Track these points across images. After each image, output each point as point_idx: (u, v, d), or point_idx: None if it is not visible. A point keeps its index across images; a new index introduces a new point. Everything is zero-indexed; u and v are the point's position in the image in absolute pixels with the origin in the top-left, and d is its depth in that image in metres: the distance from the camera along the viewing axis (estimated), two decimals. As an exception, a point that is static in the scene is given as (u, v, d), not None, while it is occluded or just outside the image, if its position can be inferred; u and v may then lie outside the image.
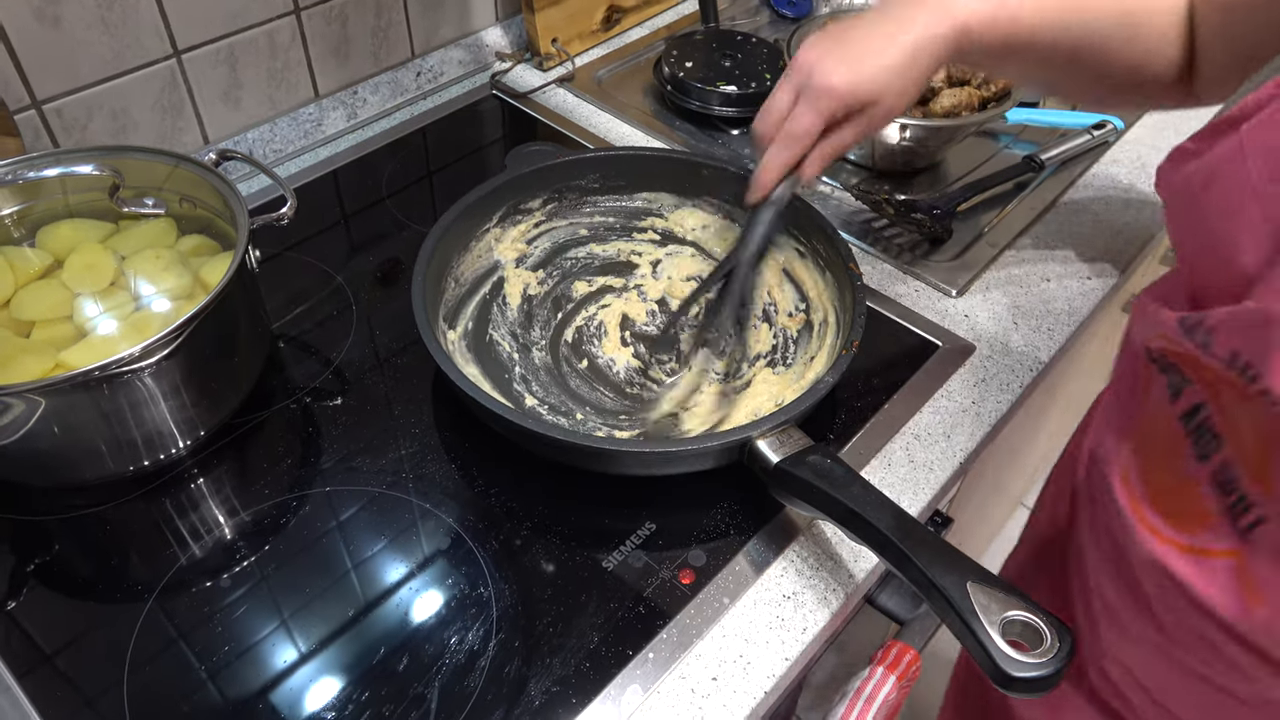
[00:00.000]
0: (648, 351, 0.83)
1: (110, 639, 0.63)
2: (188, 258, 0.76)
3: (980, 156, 1.07)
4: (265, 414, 0.77)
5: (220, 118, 0.99)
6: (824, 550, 0.69)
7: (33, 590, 0.66)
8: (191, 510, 0.71)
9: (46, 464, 0.68)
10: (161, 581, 0.66)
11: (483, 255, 0.87)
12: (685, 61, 1.13)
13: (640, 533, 0.69)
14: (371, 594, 0.66)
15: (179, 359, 0.66)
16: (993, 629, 0.53)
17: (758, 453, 0.67)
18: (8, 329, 0.70)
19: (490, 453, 0.74)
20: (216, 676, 0.61)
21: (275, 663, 0.62)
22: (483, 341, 0.82)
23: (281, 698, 0.60)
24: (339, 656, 0.62)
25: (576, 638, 0.63)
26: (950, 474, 0.74)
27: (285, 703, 0.60)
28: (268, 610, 0.65)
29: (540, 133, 1.11)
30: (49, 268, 0.74)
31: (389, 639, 0.63)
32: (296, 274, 0.90)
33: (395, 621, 0.64)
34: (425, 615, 0.64)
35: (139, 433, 0.68)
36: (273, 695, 0.60)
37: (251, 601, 0.65)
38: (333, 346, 0.83)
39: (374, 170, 1.03)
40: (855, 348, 0.72)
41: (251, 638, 0.63)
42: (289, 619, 0.64)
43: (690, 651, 0.63)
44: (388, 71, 1.11)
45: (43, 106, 0.85)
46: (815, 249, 0.85)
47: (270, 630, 0.64)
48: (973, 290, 0.90)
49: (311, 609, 0.65)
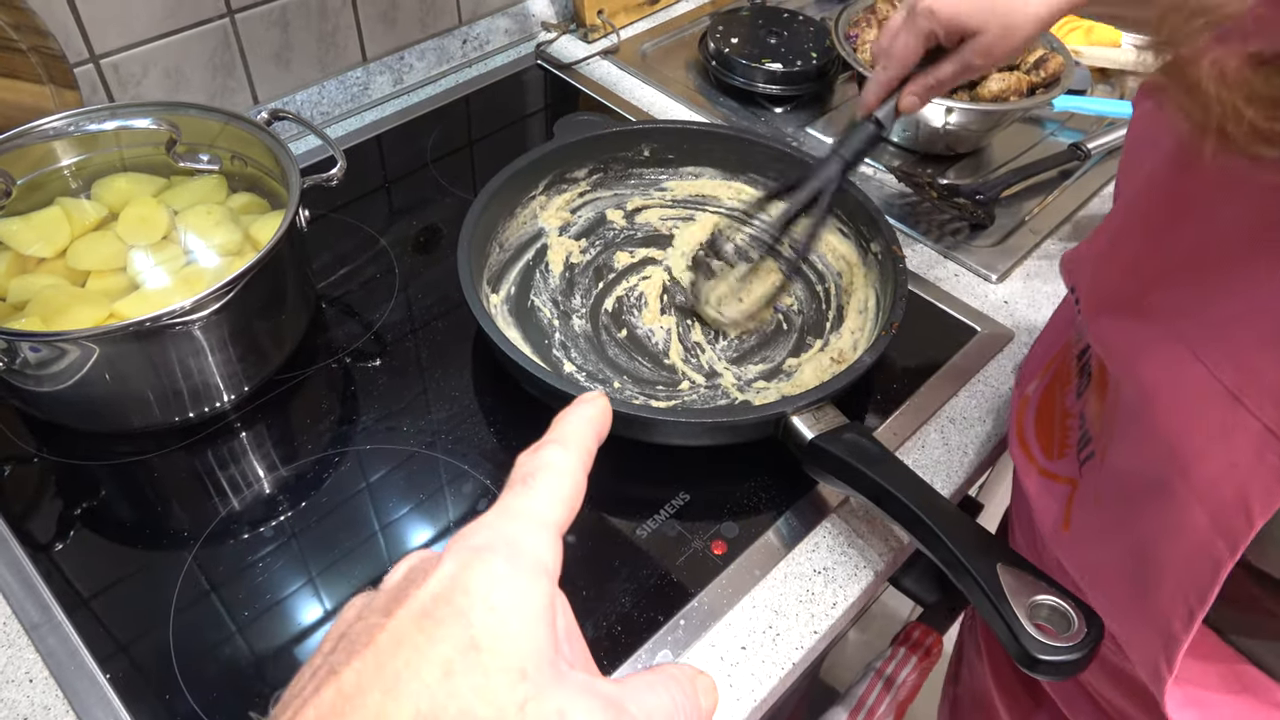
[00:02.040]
0: (707, 251, 0.85)
1: (155, 583, 0.65)
2: (238, 215, 0.77)
3: (1025, 143, 1.06)
4: (308, 372, 0.79)
5: (270, 78, 1.00)
6: (855, 528, 0.70)
7: (80, 533, 0.68)
8: (233, 463, 0.73)
9: (98, 410, 0.70)
10: (205, 531, 0.68)
11: (527, 222, 0.88)
12: (730, 37, 1.12)
13: (674, 503, 0.70)
14: (406, 550, 0.67)
15: (228, 314, 0.67)
16: (1020, 611, 0.53)
17: (793, 428, 0.67)
18: (64, 278, 0.72)
19: (527, 417, 0.75)
20: (258, 622, 0.63)
21: (311, 614, 0.64)
22: (524, 307, 0.83)
23: (314, 647, 0.62)
24: (376, 609, 0.64)
25: (609, 603, 0.64)
26: (984, 459, 0.75)
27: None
28: (304, 564, 0.66)
29: (583, 104, 1.11)
30: (104, 219, 0.75)
31: (425, 595, 0.64)
32: (341, 236, 0.91)
33: (431, 578, 0.65)
34: (460, 573, 0.66)
35: (186, 384, 0.70)
36: (309, 643, 0.62)
37: (288, 556, 0.67)
38: (374, 309, 0.84)
39: (418, 136, 1.04)
40: (895, 329, 0.72)
41: (289, 588, 0.65)
42: (325, 571, 0.66)
43: (721, 620, 0.64)
44: (434, 38, 1.12)
45: (100, 61, 0.86)
46: (859, 230, 0.85)
47: (304, 581, 0.65)
48: (1013, 277, 0.90)
49: (348, 563, 0.66)
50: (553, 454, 0.29)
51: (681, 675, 0.28)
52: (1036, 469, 0.64)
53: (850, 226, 0.86)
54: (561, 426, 0.30)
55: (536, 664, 0.24)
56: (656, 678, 0.28)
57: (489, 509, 0.28)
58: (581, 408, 0.31)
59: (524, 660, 0.24)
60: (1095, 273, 0.56)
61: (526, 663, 0.24)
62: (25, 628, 0.62)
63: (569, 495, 0.28)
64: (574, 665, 0.26)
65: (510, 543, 0.26)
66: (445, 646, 0.23)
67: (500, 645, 0.24)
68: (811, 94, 1.12)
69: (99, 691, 0.59)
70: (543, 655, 0.24)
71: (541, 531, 0.27)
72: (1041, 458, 0.64)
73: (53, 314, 0.68)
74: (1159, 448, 0.47)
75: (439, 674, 0.23)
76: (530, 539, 0.26)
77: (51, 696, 0.59)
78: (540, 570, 0.26)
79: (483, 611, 0.24)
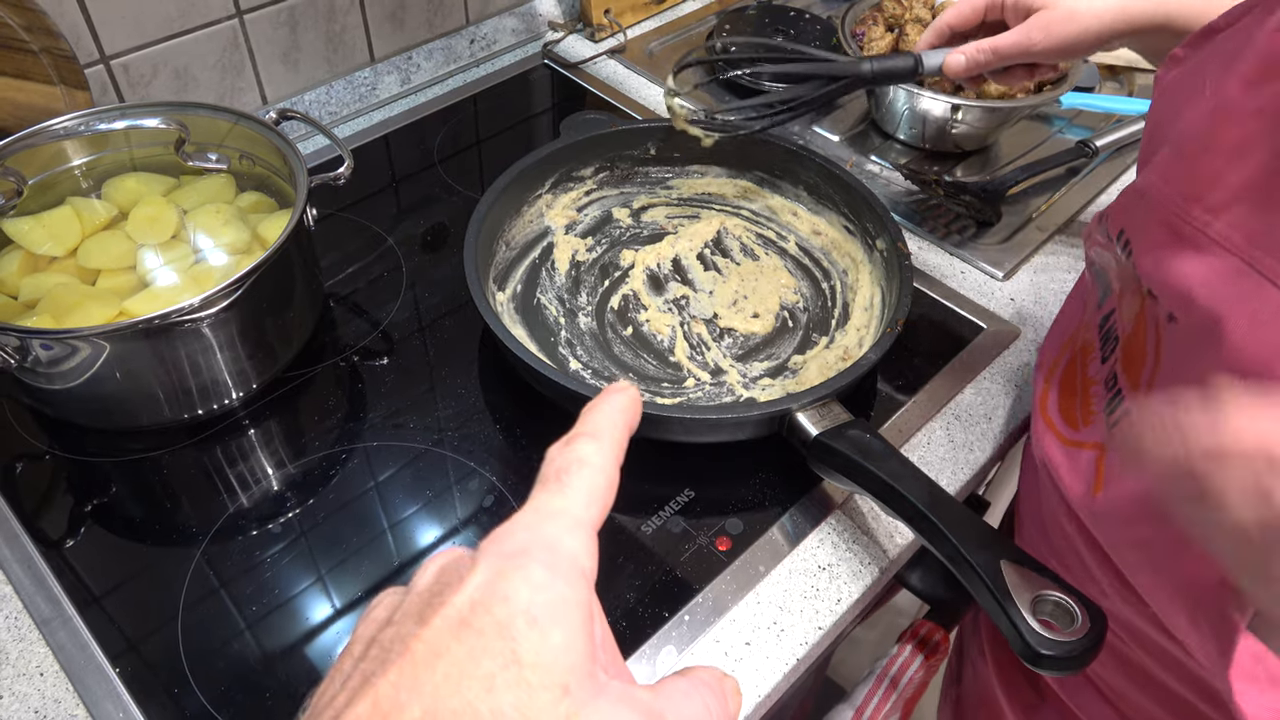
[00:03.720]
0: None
1: (164, 579, 0.65)
2: (246, 214, 0.78)
3: (1032, 140, 1.06)
4: (315, 370, 0.79)
5: (278, 79, 1.00)
6: (860, 524, 0.70)
7: (90, 530, 0.69)
8: (242, 460, 0.73)
9: (108, 408, 0.71)
10: (213, 528, 0.68)
11: (534, 220, 0.88)
12: (737, 36, 1.12)
13: (679, 499, 0.70)
14: (416, 548, 0.68)
15: (237, 311, 0.68)
16: (1024, 607, 0.53)
17: (797, 425, 0.67)
18: (75, 276, 0.72)
19: (534, 414, 0.76)
20: (266, 618, 0.63)
21: (320, 611, 0.64)
22: (530, 304, 0.83)
23: (324, 644, 0.62)
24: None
25: (614, 598, 0.64)
26: (990, 455, 0.75)
27: (324, 651, 0.62)
28: (312, 561, 0.67)
29: (590, 103, 1.11)
30: (114, 219, 0.76)
31: (431, 590, 0.65)
32: (348, 234, 0.92)
33: (437, 574, 0.66)
34: (467, 569, 0.66)
35: (195, 381, 0.70)
36: (319, 640, 0.62)
37: (296, 552, 0.67)
38: (381, 307, 0.85)
39: (425, 135, 1.05)
40: (900, 326, 0.72)
41: (298, 586, 0.65)
42: (334, 569, 0.66)
43: (725, 616, 0.64)
44: (442, 38, 1.12)
45: (110, 62, 0.87)
46: (864, 227, 0.85)
47: (313, 581, 0.66)
48: (1019, 274, 0.90)
49: (356, 560, 0.67)
50: (585, 448, 0.28)
51: (712, 679, 0.28)
52: (1061, 442, 0.64)
53: (855, 223, 0.86)
54: (593, 418, 0.29)
55: (578, 678, 0.24)
56: (689, 684, 0.27)
57: (522, 508, 0.27)
58: (612, 398, 0.30)
59: (566, 674, 0.23)
60: (1149, 208, 0.54)
61: (569, 677, 0.23)
62: (36, 622, 0.63)
63: (603, 492, 0.28)
64: (609, 671, 0.25)
65: (548, 546, 0.25)
66: (486, 661, 0.23)
67: (542, 659, 0.23)
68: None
69: (109, 685, 0.60)
70: (583, 668, 0.24)
71: (578, 531, 0.26)
72: (1066, 429, 0.64)
73: (63, 312, 0.69)
74: (1227, 375, 0.46)
75: (480, 689, 0.22)
76: (567, 541, 0.26)
77: (62, 690, 0.60)
78: (579, 574, 0.25)
79: (524, 624, 0.23)
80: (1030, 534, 0.73)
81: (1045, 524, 0.68)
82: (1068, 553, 0.64)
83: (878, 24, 1.05)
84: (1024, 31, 0.70)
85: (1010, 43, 0.71)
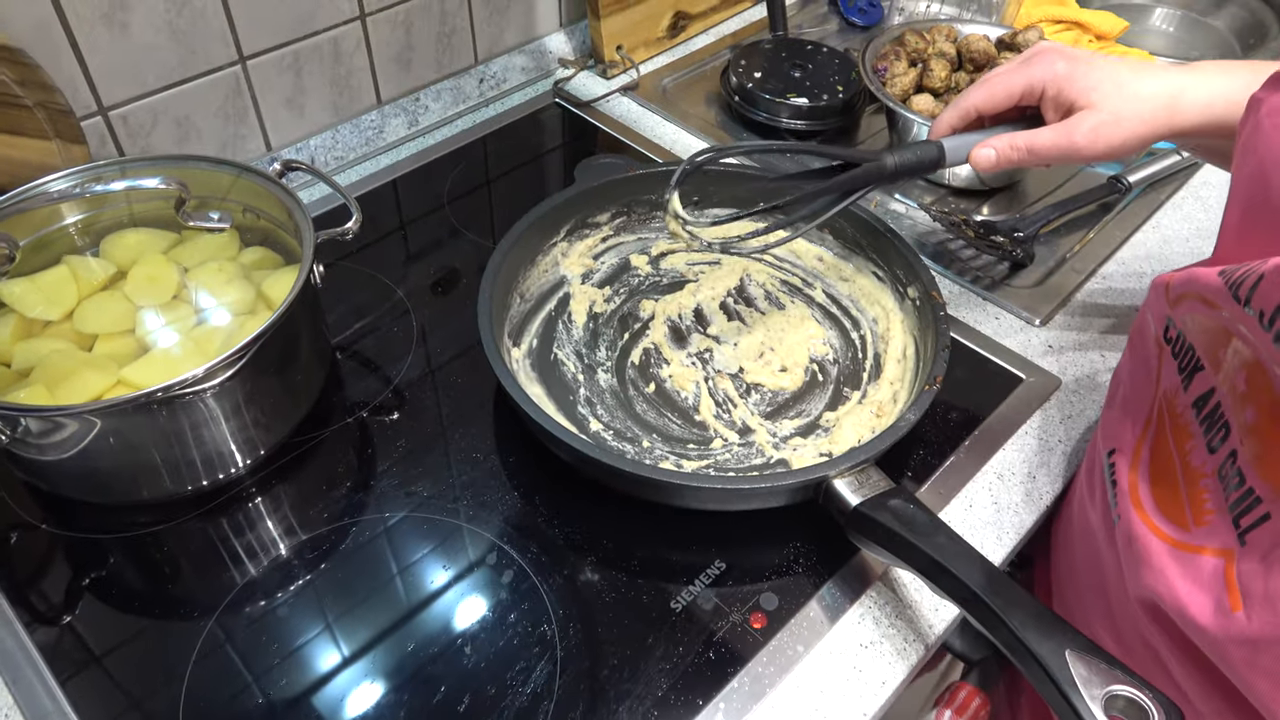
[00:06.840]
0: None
1: (167, 660, 0.61)
2: (250, 271, 0.75)
3: (1061, 176, 1.02)
4: (325, 432, 0.75)
5: (283, 124, 0.97)
6: (902, 597, 0.66)
7: (89, 606, 0.65)
8: (249, 531, 0.69)
9: (104, 482, 0.67)
10: (220, 605, 0.64)
11: (548, 270, 0.85)
12: (753, 71, 1.09)
13: (710, 571, 0.66)
14: (432, 629, 0.64)
15: (241, 378, 0.64)
16: (1094, 704, 0.49)
17: (835, 493, 0.64)
18: (71, 341, 0.69)
19: (554, 478, 0.72)
20: (274, 705, 0.59)
21: (338, 696, 0.60)
22: (547, 360, 0.79)
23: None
24: (400, 693, 0.60)
25: (644, 684, 0.60)
26: (1036, 517, 0.71)
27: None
28: (328, 644, 0.63)
29: (603, 142, 1.08)
30: (113, 278, 0.73)
31: (450, 677, 0.61)
32: (356, 285, 0.88)
33: (457, 659, 0.62)
34: (487, 653, 0.62)
35: (198, 452, 0.67)
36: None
37: (310, 633, 0.63)
38: (392, 363, 0.81)
39: (434, 178, 1.01)
40: (939, 383, 0.69)
41: (312, 671, 0.61)
42: (349, 652, 0.62)
43: (763, 702, 0.60)
44: (450, 78, 1.09)
45: (109, 113, 0.84)
46: (895, 274, 0.81)
47: (333, 664, 0.62)
48: (1056, 320, 0.86)
49: (371, 641, 0.63)
50: None
51: None
52: (1168, 543, 0.56)
53: (885, 269, 0.83)
54: None
55: None
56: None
57: None
58: None
59: None
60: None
61: None
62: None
63: None
64: None
65: None
66: None
67: None
68: (838, 128, 1.09)
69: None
70: None
71: None
72: (1172, 530, 0.56)
73: (58, 381, 0.65)
74: None
75: None
76: None
77: (56, 794, 0.56)
78: None
79: None
80: (1081, 609, 0.68)
81: (1113, 608, 0.63)
82: (1135, 642, 0.60)
83: (900, 59, 1.02)
84: (1065, 134, 0.64)
85: (1049, 143, 0.65)
